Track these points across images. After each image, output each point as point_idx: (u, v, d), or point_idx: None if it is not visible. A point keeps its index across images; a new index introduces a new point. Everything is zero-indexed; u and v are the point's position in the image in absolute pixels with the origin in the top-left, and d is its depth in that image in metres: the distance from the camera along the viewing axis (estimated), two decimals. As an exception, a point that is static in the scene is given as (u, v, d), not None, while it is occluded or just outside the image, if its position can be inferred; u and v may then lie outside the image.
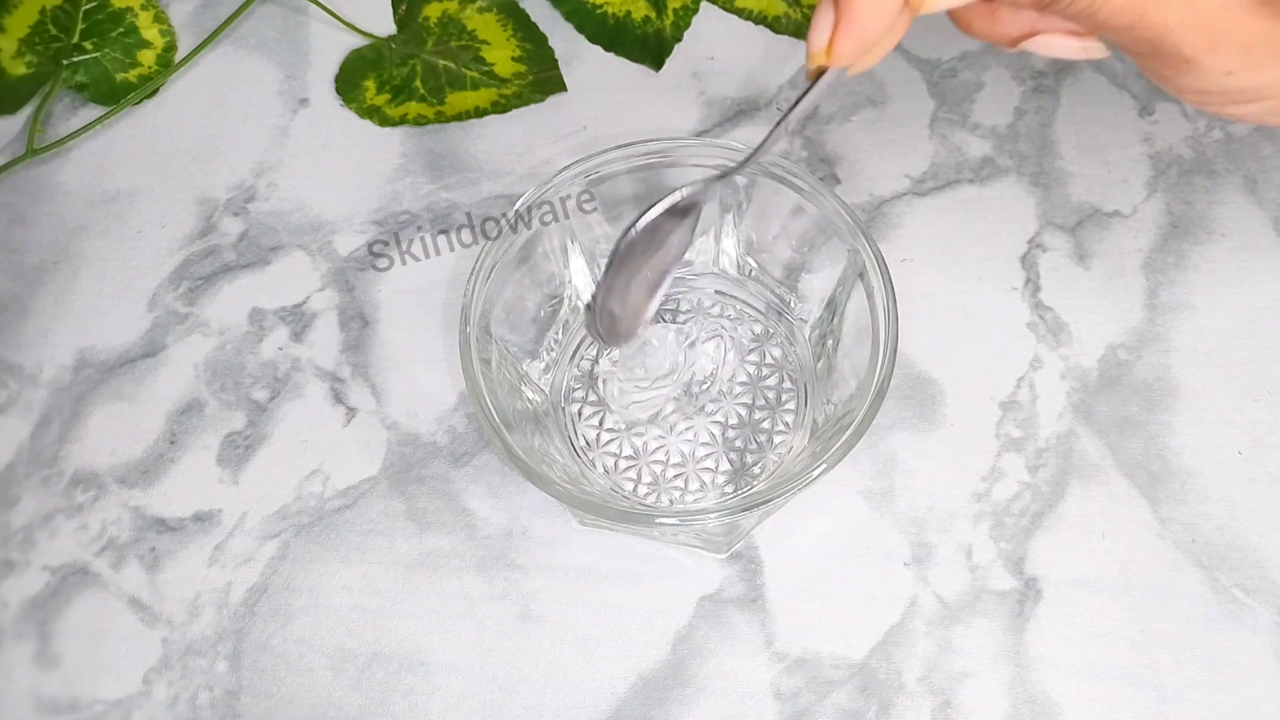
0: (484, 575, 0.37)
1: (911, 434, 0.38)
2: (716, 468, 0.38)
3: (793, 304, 0.39)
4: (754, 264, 0.40)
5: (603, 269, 0.31)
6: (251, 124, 0.46)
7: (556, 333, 0.39)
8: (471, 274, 0.35)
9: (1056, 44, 0.26)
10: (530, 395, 0.38)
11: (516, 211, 0.36)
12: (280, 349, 0.41)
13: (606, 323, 0.31)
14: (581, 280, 0.40)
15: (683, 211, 0.30)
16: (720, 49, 0.47)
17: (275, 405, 0.40)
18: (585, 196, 0.37)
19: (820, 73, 0.24)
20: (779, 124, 0.27)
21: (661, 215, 0.29)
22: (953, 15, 0.27)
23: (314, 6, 0.48)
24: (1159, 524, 0.37)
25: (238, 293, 0.42)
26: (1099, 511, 0.37)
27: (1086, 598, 0.36)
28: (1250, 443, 0.38)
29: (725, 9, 0.48)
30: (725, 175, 0.30)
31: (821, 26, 0.23)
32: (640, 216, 0.29)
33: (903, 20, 0.23)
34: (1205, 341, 0.40)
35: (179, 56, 0.48)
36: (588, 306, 0.30)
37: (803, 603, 0.36)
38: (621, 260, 0.30)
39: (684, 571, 0.37)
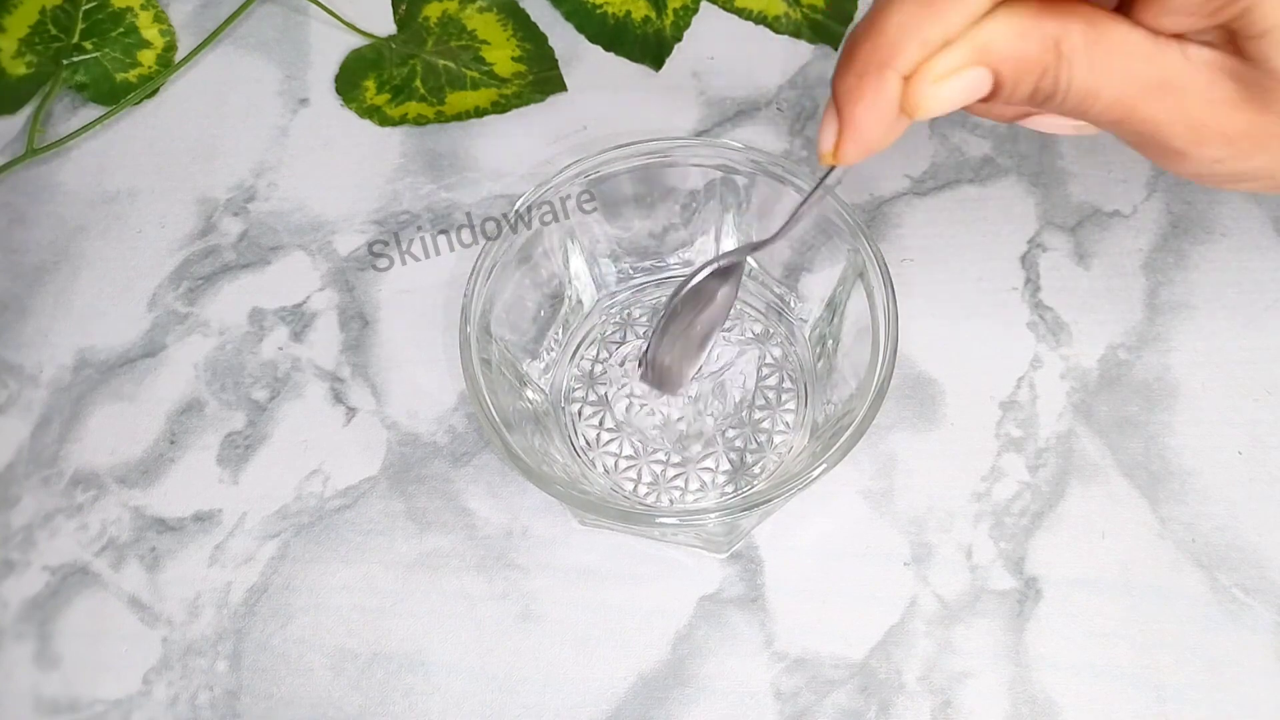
0: (484, 575, 0.37)
1: (911, 434, 0.38)
2: (716, 468, 0.38)
3: (793, 304, 0.39)
4: (754, 264, 0.40)
5: (653, 326, 0.34)
6: (251, 124, 0.46)
7: (556, 332, 0.39)
8: (471, 274, 0.35)
9: (1050, 123, 0.29)
10: (530, 395, 0.38)
11: (516, 211, 0.36)
12: (280, 349, 0.41)
13: (657, 375, 0.34)
14: (581, 280, 0.40)
15: (726, 272, 0.32)
16: (720, 49, 0.47)
17: (275, 405, 0.40)
18: (585, 196, 0.37)
19: (830, 168, 0.27)
20: (802, 204, 0.30)
21: (707, 276, 0.32)
22: None
23: (314, 6, 0.48)
24: (1159, 524, 0.37)
25: (238, 293, 0.42)
26: (1099, 511, 0.37)
27: (1086, 598, 0.36)
28: (1250, 443, 0.38)
29: (725, 9, 0.48)
30: (762, 245, 0.32)
31: (828, 132, 0.26)
32: (689, 279, 0.32)
33: (900, 124, 0.26)
34: (1205, 341, 0.40)
35: (179, 56, 0.48)
36: (639, 361, 0.33)
37: (803, 603, 0.36)
38: (670, 317, 0.32)
39: (684, 571, 0.37)
